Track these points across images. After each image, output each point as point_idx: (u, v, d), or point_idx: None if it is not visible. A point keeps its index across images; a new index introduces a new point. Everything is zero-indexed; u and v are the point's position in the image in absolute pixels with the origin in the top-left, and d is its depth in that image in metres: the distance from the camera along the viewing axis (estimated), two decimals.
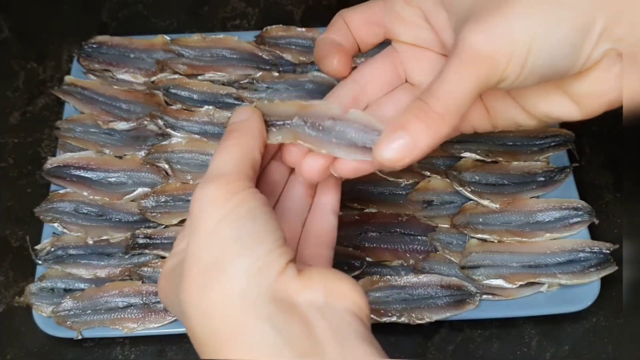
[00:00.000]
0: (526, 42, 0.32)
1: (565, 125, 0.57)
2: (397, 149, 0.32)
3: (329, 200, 0.41)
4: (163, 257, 0.52)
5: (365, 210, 0.54)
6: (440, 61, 0.41)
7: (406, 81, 0.43)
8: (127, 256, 0.52)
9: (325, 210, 0.41)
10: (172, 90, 0.59)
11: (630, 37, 0.33)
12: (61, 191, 0.55)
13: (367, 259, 0.52)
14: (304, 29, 0.62)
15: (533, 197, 0.54)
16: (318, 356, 0.29)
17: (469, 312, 0.50)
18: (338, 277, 0.32)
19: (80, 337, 0.49)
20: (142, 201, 0.54)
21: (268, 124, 0.38)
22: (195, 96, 0.59)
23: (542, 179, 0.54)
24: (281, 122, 0.37)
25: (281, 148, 0.39)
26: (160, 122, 0.57)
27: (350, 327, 0.30)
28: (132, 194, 0.54)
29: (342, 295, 0.31)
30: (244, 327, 0.30)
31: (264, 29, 0.62)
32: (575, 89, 0.36)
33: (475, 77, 0.32)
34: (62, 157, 0.56)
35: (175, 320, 0.50)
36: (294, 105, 0.37)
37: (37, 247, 0.52)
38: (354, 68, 0.43)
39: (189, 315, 0.31)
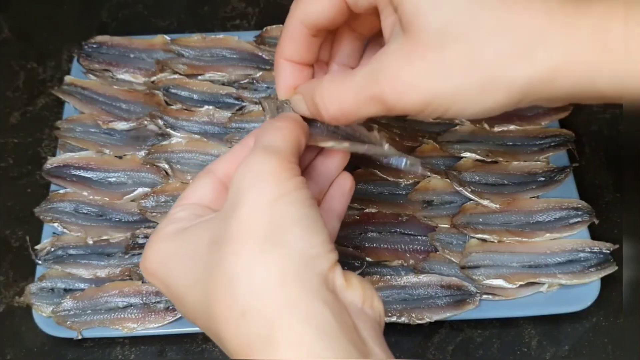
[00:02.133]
0: (444, 104, 0.33)
1: (565, 125, 0.57)
2: (294, 101, 0.38)
3: (337, 206, 0.40)
4: None
5: (365, 210, 0.54)
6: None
7: None
8: (127, 256, 0.52)
9: (332, 216, 0.40)
10: (172, 90, 0.59)
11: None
12: (61, 191, 0.55)
13: (367, 259, 0.52)
14: None
15: (533, 197, 0.54)
16: (365, 351, 0.30)
17: (469, 312, 0.50)
18: (370, 286, 0.33)
19: (80, 337, 0.49)
20: (142, 201, 0.54)
21: None
22: (195, 96, 0.59)
23: (542, 179, 0.54)
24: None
25: None
26: (160, 122, 0.57)
27: (380, 333, 0.32)
28: (132, 194, 0.54)
29: (372, 305, 0.32)
30: (302, 301, 0.29)
31: (264, 29, 0.62)
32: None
33: (373, 107, 0.34)
34: (62, 157, 0.56)
35: (175, 320, 0.50)
36: None
37: (37, 247, 0.52)
38: None
39: (234, 282, 0.30)
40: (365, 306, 0.32)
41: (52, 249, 0.52)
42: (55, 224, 0.53)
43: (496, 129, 0.56)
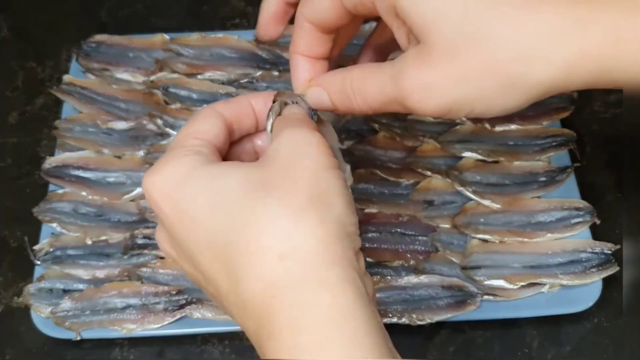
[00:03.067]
0: (464, 110, 0.33)
1: (566, 125, 0.57)
2: (312, 93, 0.38)
3: None
4: (162, 258, 0.52)
5: (365, 210, 0.53)
6: None
7: None
8: (126, 257, 0.52)
9: None
10: (172, 90, 0.59)
11: None
12: (60, 191, 0.55)
13: (368, 259, 0.51)
14: None
15: (534, 197, 0.53)
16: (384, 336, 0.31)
17: (470, 313, 0.49)
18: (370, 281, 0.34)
19: (79, 338, 0.49)
20: (141, 201, 0.54)
21: None
22: (194, 95, 0.59)
23: (543, 179, 0.54)
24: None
25: None
26: (159, 121, 0.57)
27: (378, 325, 0.33)
28: (131, 194, 0.54)
29: (374, 301, 0.33)
30: (341, 263, 0.30)
31: None
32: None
33: (394, 102, 0.34)
34: (61, 157, 0.56)
35: (174, 321, 0.49)
36: None
37: (36, 247, 0.52)
38: None
39: (278, 225, 0.30)
40: (373, 300, 0.33)
41: (51, 250, 0.52)
42: (54, 224, 0.53)
43: (497, 128, 0.56)
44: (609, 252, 0.50)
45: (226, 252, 0.30)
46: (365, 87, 0.35)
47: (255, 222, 0.30)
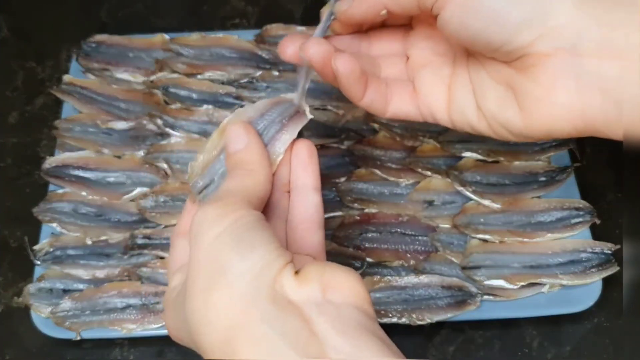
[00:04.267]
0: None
1: None
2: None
3: (306, 179, 0.38)
4: (162, 258, 0.52)
5: (365, 210, 0.54)
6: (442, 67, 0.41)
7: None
8: (126, 256, 0.52)
9: (305, 190, 0.38)
10: (172, 90, 0.59)
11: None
12: (60, 191, 0.55)
13: (368, 259, 0.51)
14: (304, 28, 0.62)
15: (534, 197, 0.53)
16: (319, 350, 0.29)
17: (470, 312, 0.49)
18: (334, 270, 0.32)
19: (79, 338, 0.49)
20: (141, 201, 0.54)
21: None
22: (194, 95, 0.59)
23: (543, 178, 0.54)
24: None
25: None
26: (159, 121, 0.57)
27: (350, 319, 0.31)
28: (131, 194, 0.54)
29: (340, 288, 0.31)
30: (245, 328, 0.30)
31: (263, 28, 0.62)
32: (524, 89, 0.36)
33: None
34: (61, 157, 0.56)
35: None
36: (214, 142, 0.38)
37: (36, 247, 0.52)
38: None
39: (196, 327, 0.31)
40: (330, 294, 0.31)
41: (51, 250, 0.52)
42: (54, 224, 0.53)
43: None
44: (609, 252, 0.50)
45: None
46: None
47: (194, 327, 0.32)
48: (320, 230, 0.38)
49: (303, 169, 0.38)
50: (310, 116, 0.38)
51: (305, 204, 0.38)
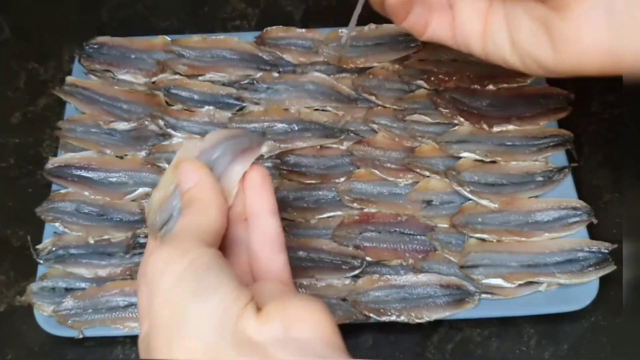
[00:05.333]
0: None
1: (563, 125, 0.57)
2: None
3: (262, 205, 0.38)
4: None
5: (364, 210, 0.54)
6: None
7: None
8: (128, 256, 0.52)
9: (261, 216, 0.38)
10: (173, 91, 0.59)
11: None
12: (62, 191, 0.55)
13: (367, 258, 0.52)
14: (304, 30, 0.62)
15: (532, 196, 0.54)
16: None
17: (468, 311, 0.50)
18: (297, 305, 0.32)
19: (81, 337, 0.49)
20: (143, 201, 0.54)
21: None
22: (195, 96, 0.59)
23: (540, 178, 0.54)
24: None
25: None
26: (160, 122, 0.57)
27: (315, 354, 0.30)
28: (133, 194, 0.55)
29: (303, 323, 0.31)
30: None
31: (264, 30, 0.62)
32: (558, 30, 0.36)
33: None
34: (63, 157, 0.56)
35: None
36: (168, 178, 0.38)
37: (39, 246, 0.53)
38: None
39: None
40: (294, 331, 0.31)
41: (54, 249, 0.52)
42: (57, 224, 0.53)
43: (495, 129, 0.56)
44: (606, 251, 0.51)
45: None
46: None
47: None
48: (282, 254, 0.38)
49: (257, 195, 0.38)
50: (264, 149, 0.38)
51: (263, 229, 0.38)
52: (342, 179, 0.55)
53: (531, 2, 0.37)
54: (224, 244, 0.37)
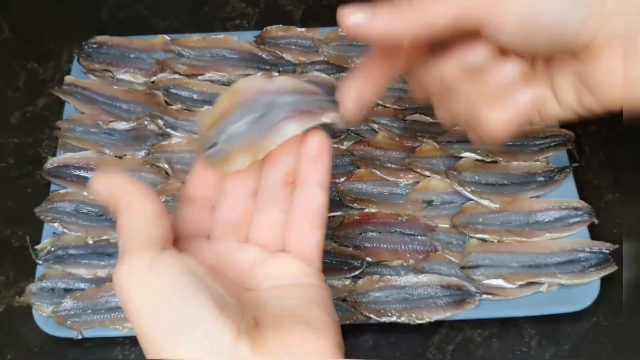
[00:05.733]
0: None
1: (564, 125, 0.57)
2: (359, 17, 0.34)
3: (313, 174, 0.35)
4: None
5: (365, 210, 0.54)
6: None
7: None
8: None
9: (310, 186, 0.35)
10: (172, 90, 0.59)
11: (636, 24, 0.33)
12: (61, 191, 0.55)
13: (367, 258, 0.52)
14: (304, 29, 0.62)
15: (533, 197, 0.54)
16: None
17: (468, 311, 0.50)
18: (296, 333, 0.30)
19: (80, 337, 0.49)
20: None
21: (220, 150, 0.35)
22: (195, 96, 0.59)
23: (541, 179, 0.54)
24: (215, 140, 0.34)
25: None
26: (160, 122, 0.57)
27: None
28: None
29: (304, 351, 0.30)
30: None
31: (264, 29, 0.62)
32: (592, 79, 0.36)
33: (456, 5, 0.33)
34: (63, 157, 0.56)
35: None
36: (225, 99, 0.35)
37: (38, 246, 0.53)
38: None
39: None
40: None
41: (53, 249, 0.52)
42: (56, 224, 0.53)
43: None
44: (607, 251, 0.50)
45: None
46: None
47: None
48: (319, 231, 0.35)
49: (311, 163, 0.35)
50: (326, 119, 0.35)
51: (307, 200, 0.35)
52: (343, 179, 0.55)
53: (565, 61, 0.37)
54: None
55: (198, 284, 0.30)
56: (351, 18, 0.34)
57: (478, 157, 0.55)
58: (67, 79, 0.60)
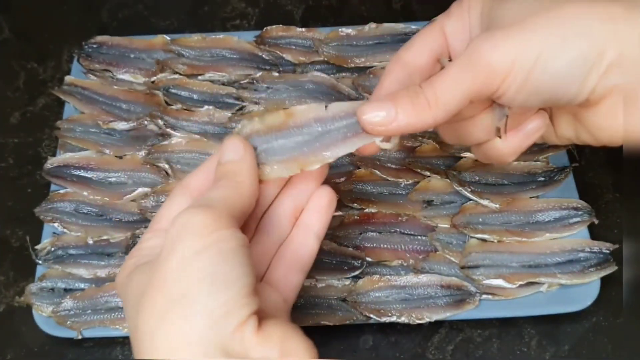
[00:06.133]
0: (530, 59, 0.33)
1: None
2: (380, 116, 0.35)
3: (315, 223, 0.39)
4: None
5: (365, 210, 0.54)
6: None
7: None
8: (127, 256, 0.52)
9: (309, 233, 0.39)
10: (172, 90, 0.59)
11: (635, 76, 0.34)
12: (61, 191, 0.55)
13: (367, 258, 0.52)
14: (304, 29, 0.62)
15: (533, 197, 0.54)
16: None
17: (468, 312, 0.50)
18: (298, 339, 0.32)
19: (80, 337, 0.49)
20: (142, 201, 0.54)
21: (258, 155, 0.38)
22: (195, 96, 0.59)
23: (541, 178, 0.54)
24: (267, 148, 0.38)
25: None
26: (160, 122, 0.57)
27: None
28: (132, 194, 0.54)
29: (298, 355, 0.31)
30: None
31: (264, 29, 0.62)
32: (590, 122, 0.37)
33: (471, 82, 0.34)
34: (63, 157, 0.56)
35: None
36: (278, 118, 0.38)
37: (38, 246, 0.53)
38: None
39: (140, 338, 0.31)
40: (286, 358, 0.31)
41: (53, 249, 0.52)
42: (56, 224, 0.53)
43: None
44: (607, 251, 0.50)
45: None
46: (438, 84, 0.34)
47: (134, 330, 0.32)
48: (302, 275, 0.39)
49: (317, 212, 0.39)
50: (376, 140, 0.37)
51: (300, 245, 0.39)
52: (343, 179, 0.55)
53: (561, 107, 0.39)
54: (259, 225, 0.38)
55: (248, 259, 0.33)
56: (373, 118, 0.35)
57: None
58: (67, 79, 0.60)
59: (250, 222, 0.38)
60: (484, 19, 0.38)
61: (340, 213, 0.54)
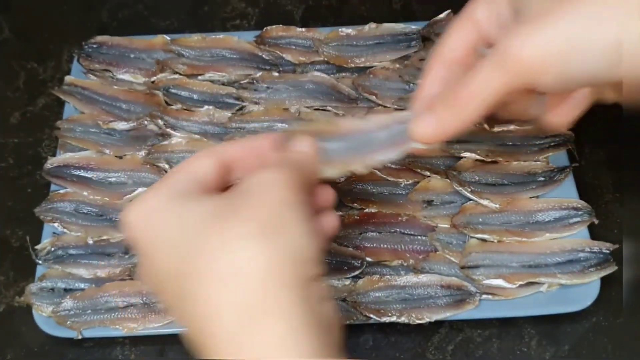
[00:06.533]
0: (562, 50, 0.33)
1: None
2: (427, 127, 0.37)
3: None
4: None
5: (365, 210, 0.54)
6: None
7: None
8: (127, 256, 0.52)
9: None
10: (172, 90, 0.59)
11: None
12: (61, 191, 0.55)
13: (367, 258, 0.52)
14: (304, 29, 0.62)
15: (533, 197, 0.54)
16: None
17: (468, 312, 0.50)
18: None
19: (80, 337, 0.49)
20: None
21: None
22: (195, 96, 0.59)
23: (541, 179, 0.54)
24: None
25: None
26: (160, 122, 0.57)
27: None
28: (132, 194, 0.54)
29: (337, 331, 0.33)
30: (284, 289, 0.30)
31: (264, 29, 0.62)
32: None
33: (504, 80, 0.34)
34: (63, 157, 0.56)
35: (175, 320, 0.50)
36: (327, 126, 0.40)
37: (38, 247, 0.53)
38: None
39: (224, 254, 0.31)
40: (333, 328, 0.33)
41: (53, 249, 0.52)
42: (56, 224, 0.53)
43: (496, 129, 0.56)
44: (607, 251, 0.50)
45: (180, 282, 0.32)
46: (473, 86, 0.35)
47: (206, 250, 0.31)
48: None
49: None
50: (416, 145, 0.39)
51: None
52: (343, 179, 0.55)
53: None
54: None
55: (316, 232, 0.34)
56: (421, 133, 0.37)
57: (478, 157, 0.55)
58: (67, 79, 0.60)
59: None
60: (511, 3, 0.37)
61: (340, 213, 0.54)
